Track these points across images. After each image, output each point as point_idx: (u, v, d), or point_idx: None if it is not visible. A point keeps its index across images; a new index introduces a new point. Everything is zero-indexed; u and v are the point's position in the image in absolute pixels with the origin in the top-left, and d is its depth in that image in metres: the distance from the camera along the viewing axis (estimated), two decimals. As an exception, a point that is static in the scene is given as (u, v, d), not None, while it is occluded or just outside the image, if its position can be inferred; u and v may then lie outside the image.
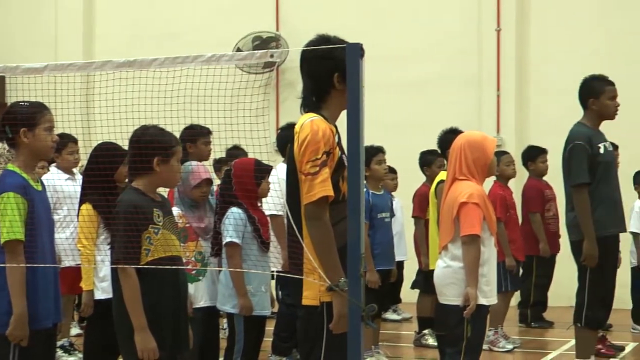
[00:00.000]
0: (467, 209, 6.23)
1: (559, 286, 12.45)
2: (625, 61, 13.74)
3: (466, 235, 6.20)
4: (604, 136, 8.29)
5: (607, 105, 8.20)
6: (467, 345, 6.23)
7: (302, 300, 4.80)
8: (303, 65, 4.91)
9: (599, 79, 8.30)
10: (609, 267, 8.10)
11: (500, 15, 14.82)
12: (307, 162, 4.66)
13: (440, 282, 6.38)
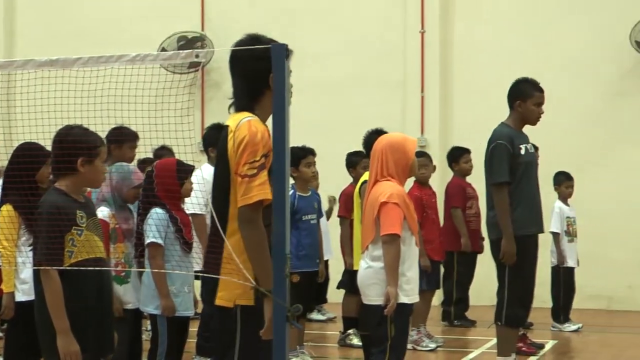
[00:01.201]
0: (387, 208, 6.27)
1: (481, 285, 12.60)
2: (546, 62, 13.95)
3: (386, 235, 6.25)
4: (527, 138, 8.41)
5: (532, 110, 8.32)
6: (391, 344, 6.27)
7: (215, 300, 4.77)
8: (236, 65, 4.86)
9: (531, 83, 8.42)
10: (527, 266, 8.20)
11: (424, 16, 14.94)
12: (244, 163, 4.60)
13: (362, 283, 6.42)
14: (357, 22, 15.26)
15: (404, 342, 6.44)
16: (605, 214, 13.98)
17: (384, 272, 6.26)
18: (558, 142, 13.70)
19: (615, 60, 14.18)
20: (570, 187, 12.07)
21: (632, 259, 14.01)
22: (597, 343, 11.11)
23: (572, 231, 12.04)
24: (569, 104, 14.04)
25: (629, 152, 14.14)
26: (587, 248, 12.91)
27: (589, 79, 14.26)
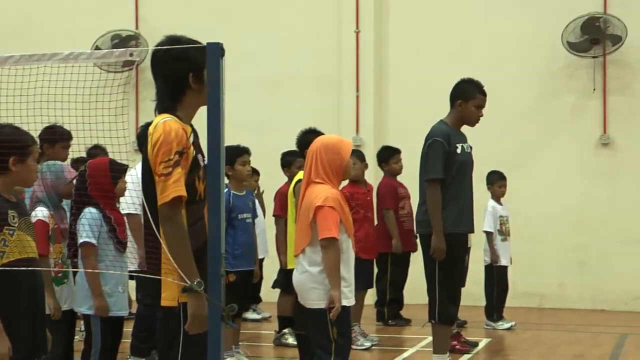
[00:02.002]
0: (323, 212, 6.24)
1: (415, 284, 12.65)
2: (479, 62, 14.05)
3: (324, 239, 6.22)
4: (465, 137, 8.48)
5: (472, 111, 8.40)
6: (336, 347, 6.27)
7: (161, 302, 4.77)
8: (157, 67, 4.88)
9: (475, 85, 8.49)
10: (456, 263, 8.28)
11: (358, 16, 14.99)
12: (160, 163, 4.62)
13: (301, 287, 6.39)
14: (292, 21, 15.27)
15: (348, 344, 6.45)
16: (537, 213, 14.16)
17: (323, 275, 6.25)
18: (491, 141, 13.82)
19: (547, 60, 14.36)
20: (503, 187, 12.19)
21: (564, 257, 14.21)
22: (530, 340, 11.24)
23: (505, 230, 12.16)
24: (501, 104, 14.15)
25: (561, 151, 14.33)
26: (520, 247, 13.06)
27: (522, 79, 14.43)
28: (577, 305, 14.08)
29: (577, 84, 14.32)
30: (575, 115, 14.36)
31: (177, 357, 4.72)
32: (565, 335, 11.76)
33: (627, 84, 14.19)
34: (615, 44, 13.93)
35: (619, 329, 12.11)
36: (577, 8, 14.04)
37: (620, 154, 14.18)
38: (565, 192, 14.23)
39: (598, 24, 13.96)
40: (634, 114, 14.11)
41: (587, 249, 14.19)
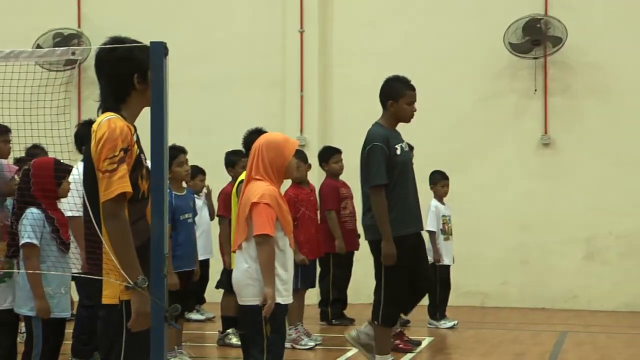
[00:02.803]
0: (258, 209, 6.23)
1: (359, 284, 12.72)
2: (423, 62, 14.15)
3: (258, 235, 6.22)
4: (401, 136, 8.50)
5: (405, 109, 8.41)
6: (268, 344, 6.26)
7: (102, 300, 4.74)
8: (101, 67, 4.87)
9: (402, 82, 8.48)
10: (404, 266, 8.30)
11: (303, 16, 15.00)
12: (104, 159, 4.61)
13: (237, 283, 6.39)
14: (237, 21, 15.24)
15: (281, 342, 6.45)
16: (479, 213, 14.27)
17: (258, 272, 6.25)
18: (434, 141, 13.93)
19: (490, 61, 14.47)
20: (445, 186, 12.27)
21: (506, 256, 14.34)
22: (472, 339, 11.33)
23: (448, 229, 12.25)
24: (444, 104, 14.30)
25: (503, 151, 14.46)
26: (462, 246, 13.16)
27: (464, 80, 14.53)
28: (518, 303, 14.22)
29: (518, 84, 14.46)
30: (517, 116, 14.49)
31: (120, 356, 4.70)
32: (507, 333, 11.87)
33: (568, 85, 14.36)
34: (556, 46, 14.09)
35: (559, 327, 12.26)
36: (519, 9, 14.17)
37: (561, 153, 14.34)
38: (507, 192, 14.36)
39: (539, 25, 14.11)
40: (574, 114, 14.28)
41: (529, 248, 14.33)
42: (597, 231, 14.13)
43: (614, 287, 14.02)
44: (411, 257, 8.38)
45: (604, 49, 14.11)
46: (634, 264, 14.02)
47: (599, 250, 14.19)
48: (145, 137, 4.71)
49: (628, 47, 14.05)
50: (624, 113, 14.09)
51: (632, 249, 14.05)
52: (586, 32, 14.07)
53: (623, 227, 14.03)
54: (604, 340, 11.36)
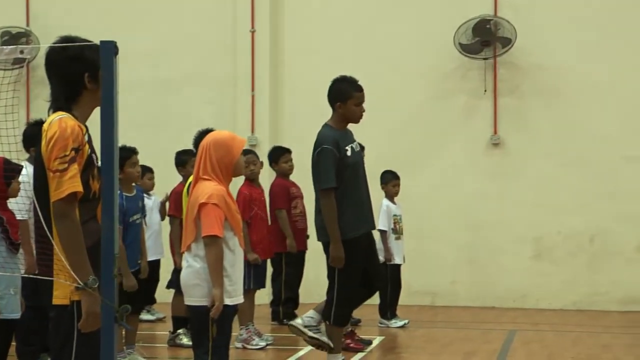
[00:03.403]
0: (206, 209, 6.20)
1: (311, 283, 12.74)
2: (374, 62, 14.18)
3: (207, 236, 6.19)
4: (352, 137, 8.50)
5: (353, 110, 8.41)
6: (213, 345, 6.24)
7: (52, 300, 4.71)
8: (51, 67, 4.83)
9: (349, 83, 8.48)
10: (356, 267, 8.32)
11: (254, 16, 14.98)
12: (55, 159, 4.58)
13: (185, 283, 6.35)
14: (188, 20, 15.18)
15: (227, 344, 6.42)
16: (430, 212, 14.35)
17: (206, 272, 6.22)
18: (385, 141, 13.98)
19: (440, 61, 14.54)
20: (396, 186, 12.33)
21: (456, 255, 14.43)
22: (422, 338, 11.39)
23: (399, 229, 12.30)
24: (395, 104, 14.35)
25: (453, 151, 14.54)
26: (413, 245, 13.24)
27: (415, 80, 14.59)
28: (468, 302, 14.32)
29: (468, 85, 14.56)
30: (467, 116, 14.59)
31: (71, 356, 4.67)
32: (457, 332, 11.95)
33: (517, 86, 14.47)
34: (505, 46, 14.19)
35: (508, 326, 12.36)
36: (469, 10, 14.26)
37: (510, 153, 14.45)
38: (457, 192, 14.45)
39: (489, 26, 14.20)
40: (523, 114, 14.40)
41: (478, 248, 14.43)
42: (545, 231, 14.26)
43: (562, 286, 14.16)
44: (363, 257, 8.41)
45: (551, 50, 14.24)
46: (581, 263, 14.17)
47: (547, 250, 14.32)
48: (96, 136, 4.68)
49: (574, 48, 14.19)
50: (571, 114, 14.23)
51: (579, 248, 14.20)
52: (534, 33, 14.19)
53: (571, 226, 14.18)
54: (552, 338, 11.48)
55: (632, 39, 14.05)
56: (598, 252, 14.15)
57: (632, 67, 14.02)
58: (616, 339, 11.36)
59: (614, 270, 14.02)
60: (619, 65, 14.05)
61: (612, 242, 14.07)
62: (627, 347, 10.73)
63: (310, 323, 8.46)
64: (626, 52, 14.07)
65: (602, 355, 10.22)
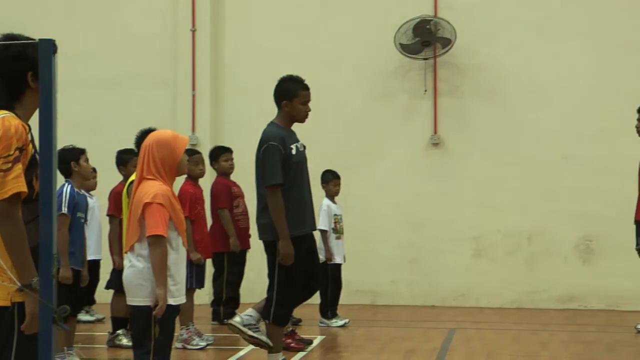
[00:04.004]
0: (151, 209, 6.18)
1: (252, 283, 12.74)
2: (315, 62, 14.20)
3: (151, 236, 6.16)
4: (296, 136, 8.54)
5: (299, 109, 8.46)
6: (155, 345, 6.21)
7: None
8: None
9: (295, 82, 8.52)
10: (298, 266, 8.34)
11: (195, 15, 14.94)
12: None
13: (128, 283, 6.31)
14: (129, 19, 15.10)
15: (169, 344, 6.40)
16: (371, 212, 14.42)
17: (149, 272, 6.19)
18: (326, 141, 14.02)
19: (381, 61, 14.61)
20: (337, 185, 12.37)
21: (396, 255, 14.51)
22: (363, 337, 11.43)
23: (340, 228, 12.34)
24: (336, 104, 14.39)
25: (394, 151, 14.62)
26: (354, 245, 13.31)
27: (356, 80, 14.66)
28: (408, 301, 14.41)
29: (409, 85, 14.64)
30: (407, 116, 14.67)
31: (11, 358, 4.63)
32: (398, 331, 12.01)
33: (456, 86, 14.59)
34: (445, 47, 14.30)
35: (448, 324, 12.46)
36: (409, 11, 14.34)
37: (450, 153, 14.57)
38: (398, 191, 14.53)
39: (429, 26, 14.30)
40: (463, 115, 14.52)
41: (419, 247, 14.53)
42: (485, 230, 14.40)
43: (501, 285, 14.31)
44: (305, 257, 8.44)
45: (490, 51, 14.38)
46: (520, 262, 14.33)
47: (486, 249, 14.46)
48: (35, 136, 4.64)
49: (513, 48, 14.34)
50: (510, 113, 14.38)
51: (518, 247, 14.36)
52: (474, 33, 14.32)
53: (510, 225, 14.32)
54: (491, 336, 11.59)
55: (570, 39, 14.23)
56: (536, 251, 14.32)
57: (570, 67, 14.19)
58: (554, 337, 11.50)
59: (552, 268, 14.20)
60: (557, 65, 14.22)
61: (550, 241, 14.25)
62: (564, 344, 10.87)
63: (250, 322, 8.45)
64: (564, 52, 14.24)
65: (540, 353, 10.34)
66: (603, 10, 14.20)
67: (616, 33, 14.11)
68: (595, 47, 14.15)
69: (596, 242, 14.15)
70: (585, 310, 13.96)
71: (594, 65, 14.14)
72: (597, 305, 14.03)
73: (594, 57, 14.15)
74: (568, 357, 10.05)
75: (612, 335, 11.60)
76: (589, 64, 14.15)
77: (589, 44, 14.17)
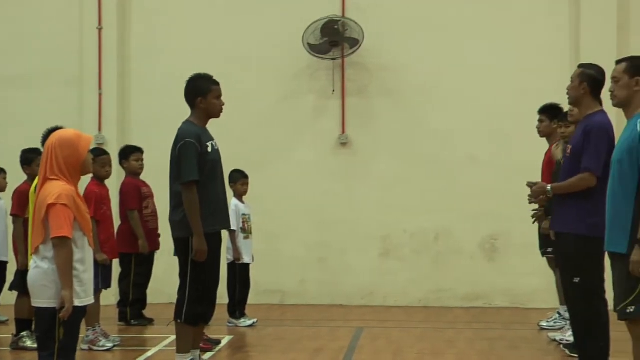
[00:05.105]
0: (55, 210, 6.10)
1: (160, 283, 12.67)
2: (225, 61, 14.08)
3: (56, 237, 6.08)
4: (211, 135, 8.57)
5: (214, 104, 8.52)
6: (59, 347, 6.14)
7: None
8: None
9: (205, 79, 8.57)
10: (210, 263, 8.34)
11: (101, 13, 14.77)
12: None
13: (33, 285, 6.23)
14: (33, 17, 14.87)
15: (74, 346, 6.33)
16: (279, 211, 14.43)
17: (54, 273, 6.12)
18: (234, 140, 13.95)
19: (290, 61, 14.62)
20: (245, 185, 12.37)
21: (304, 255, 14.54)
22: (271, 337, 11.44)
23: (248, 228, 12.33)
24: (245, 104, 14.35)
25: (302, 151, 14.65)
26: (262, 244, 13.31)
27: (265, 79, 14.64)
28: (317, 301, 14.45)
29: (317, 84, 14.69)
30: (315, 116, 14.72)
31: None
32: (306, 330, 12.04)
33: (364, 86, 14.68)
34: (353, 47, 14.37)
35: (356, 323, 12.53)
36: (317, 11, 14.38)
37: (358, 153, 14.65)
38: (306, 191, 14.57)
39: (337, 27, 14.36)
40: (370, 114, 14.61)
41: (327, 246, 14.58)
42: (392, 229, 14.51)
43: (408, 284, 14.44)
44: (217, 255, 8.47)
45: (397, 51, 14.48)
46: (426, 261, 14.47)
47: (394, 248, 14.57)
48: None
49: (419, 49, 14.46)
50: (417, 114, 14.52)
51: (425, 246, 14.50)
52: (381, 34, 14.42)
53: (416, 225, 14.46)
54: (398, 334, 11.69)
55: (475, 40, 14.40)
56: (443, 250, 14.48)
57: (475, 68, 14.37)
58: (460, 334, 11.66)
59: (458, 267, 14.38)
60: (462, 66, 14.39)
61: (456, 240, 14.42)
62: (470, 342, 11.03)
63: None
64: (469, 53, 14.41)
65: (447, 350, 10.47)
66: (507, 10, 14.41)
67: (520, 34, 14.33)
68: (499, 48, 14.35)
69: (501, 241, 14.37)
70: (490, 308, 14.16)
71: (498, 66, 14.32)
72: (501, 303, 14.26)
73: (499, 57, 14.34)
74: (473, 354, 10.19)
75: (516, 332, 11.80)
76: (493, 64, 14.34)
77: (494, 45, 14.36)
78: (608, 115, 7.89)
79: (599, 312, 7.65)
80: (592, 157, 7.61)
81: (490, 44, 14.38)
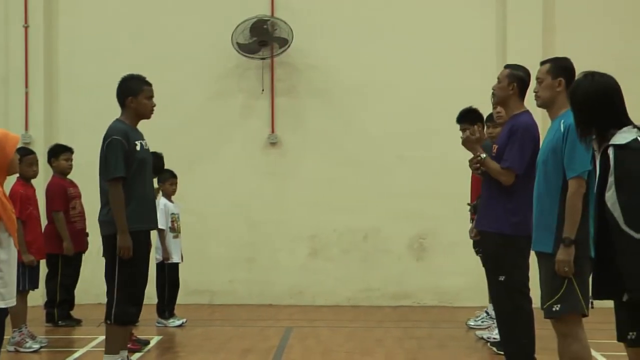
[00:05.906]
0: None
1: (88, 284, 12.57)
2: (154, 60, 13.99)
3: None
4: (142, 135, 8.60)
5: (145, 104, 8.56)
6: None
7: None
8: None
9: (138, 79, 8.62)
10: (138, 262, 8.32)
11: (27, 11, 14.60)
12: None
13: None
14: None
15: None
16: (209, 211, 14.39)
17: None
18: (163, 140, 13.84)
19: (219, 61, 14.59)
20: (174, 184, 12.33)
21: (233, 254, 14.52)
22: (200, 337, 11.41)
23: (177, 227, 12.29)
24: (174, 103, 14.27)
25: (232, 150, 14.63)
26: (191, 244, 13.26)
27: (194, 79, 14.59)
28: (246, 300, 14.45)
29: (246, 84, 14.67)
30: (245, 115, 14.71)
31: None
32: (235, 330, 12.04)
33: (293, 86, 14.70)
34: (282, 47, 14.39)
35: (285, 323, 12.56)
36: (246, 10, 14.37)
37: (287, 153, 14.67)
38: (236, 190, 14.55)
39: (266, 26, 14.36)
40: (299, 114, 14.65)
41: (257, 246, 14.58)
42: (321, 228, 14.55)
43: (337, 283, 14.50)
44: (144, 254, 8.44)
45: (325, 52, 14.53)
46: (355, 260, 14.54)
47: (322, 247, 14.62)
48: None
49: (346, 49, 14.51)
50: (346, 114, 14.58)
51: (354, 245, 14.57)
52: (310, 34, 14.45)
53: (345, 224, 14.52)
54: (327, 334, 11.74)
55: (406, 40, 14.50)
56: (371, 249, 14.56)
57: (404, 69, 14.47)
58: (388, 333, 11.74)
59: (386, 266, 14.47)
60: (391, 66, 14.48)
61: (385, 239, 14.51)
62: (398, 341, 11.11)
63: None
64: (397, 53, 14.50)
65: (375, 349, 10.54)
66: (436, 11, 14.54)
67: (448, 34, 14.46)
68: (427, 49, 14.46)
69: (429, 240, 14.49)
70: (419, 307, 14.28)
71: (426, 66, 14.44)
72: (430, 302, 14.38)
73: (427, 58, 14.45)
74: (402, 353, 10.27)
75: (444, 330, 11.92)
76: (421, 65, 14.45)
77: (422, 45, 14.47)
78: (533, 115, 8.02)
79: (523, 310, 7.78)
80: (516, 156, 7.74)
81: (418, 44, 14.49)
